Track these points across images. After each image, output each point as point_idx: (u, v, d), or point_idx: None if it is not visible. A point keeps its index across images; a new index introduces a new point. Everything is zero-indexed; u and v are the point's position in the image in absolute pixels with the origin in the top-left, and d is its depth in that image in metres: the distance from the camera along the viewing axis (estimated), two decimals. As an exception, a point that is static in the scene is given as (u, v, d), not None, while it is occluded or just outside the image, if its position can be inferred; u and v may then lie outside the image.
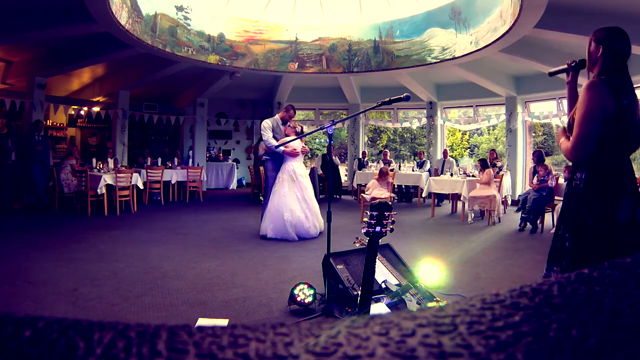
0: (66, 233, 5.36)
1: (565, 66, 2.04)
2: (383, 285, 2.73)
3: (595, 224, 1.68)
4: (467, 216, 6.60)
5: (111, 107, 9.90)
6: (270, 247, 4.70)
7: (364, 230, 2.06)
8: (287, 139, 4.99)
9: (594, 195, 1.71)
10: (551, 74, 2.26)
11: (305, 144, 5.49)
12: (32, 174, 7.35)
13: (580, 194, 1.75)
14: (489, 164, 6.65)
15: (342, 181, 11.10)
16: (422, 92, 10.11)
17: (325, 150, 13.35)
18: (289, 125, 5.36)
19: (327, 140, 13.61)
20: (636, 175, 1.83)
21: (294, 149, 5.17)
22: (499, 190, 6.76)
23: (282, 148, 5.14)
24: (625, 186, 1.70)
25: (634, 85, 1.82)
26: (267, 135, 5.31)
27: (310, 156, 17.91)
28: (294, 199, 5.07)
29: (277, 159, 5.31)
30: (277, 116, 5.55)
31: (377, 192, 6.40)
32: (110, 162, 7.90)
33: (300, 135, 4.95)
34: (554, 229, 1.93)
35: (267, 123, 5.40)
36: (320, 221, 5.26)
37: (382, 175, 6.70)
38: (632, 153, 1.78)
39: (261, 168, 8.09)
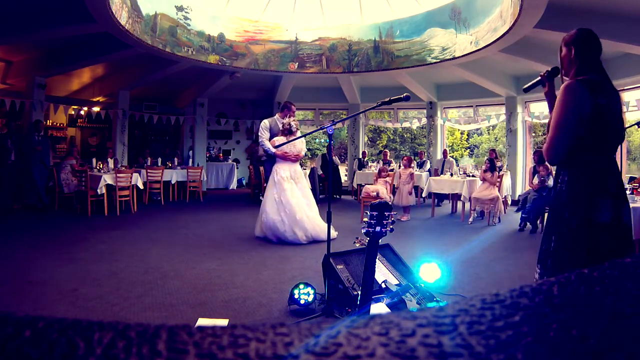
0: (66, 233, 5.36)
1: (539, 78, 2.06)
2: (383, 285, 2.72)
3: (577, 226, 1.66)
4: (469, 216, 6.60)
5: (111, 107, 9.90)
6: (270, 247, 4.70)
7: (364, 230, 2.06)
8: (283, 140, 4.82)
9: (575, 196, 1.69)
10: (526, 90, 2.29)
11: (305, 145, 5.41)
12: (32, 174, 7.35)
13: (562, 196, 1.73)
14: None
15: (342, 181, 11.10)
16: (422, 92, 10.11)
17: (325, 150, 13.34)
18: (282, 124, 5.14)
19: (327, 140, 13.61)
20: (625, 176, 1.83)
21: (284, 152, 5.00)
22: (499, 190, 6.77)
23: (272, 150, 5.05)
24: (606, 187, 1.67)
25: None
26: (263, 136, 5.20)
27: (310, 156, 17.94)
28: (271, 200, 4.96)
29: (273, 160, 5.22)
30: (276, 116, 5.45)
31: (373, 187, 6.37)
32: (110, 162, 7.90)
33: (290, 140, 4.78)
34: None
35: (264, 123, 5.32)
36: (315, 227, 4.92)
37: (381, 174, 6.68)
38: (615, 151, 1.77)
39: (261, 168, 8.10)
